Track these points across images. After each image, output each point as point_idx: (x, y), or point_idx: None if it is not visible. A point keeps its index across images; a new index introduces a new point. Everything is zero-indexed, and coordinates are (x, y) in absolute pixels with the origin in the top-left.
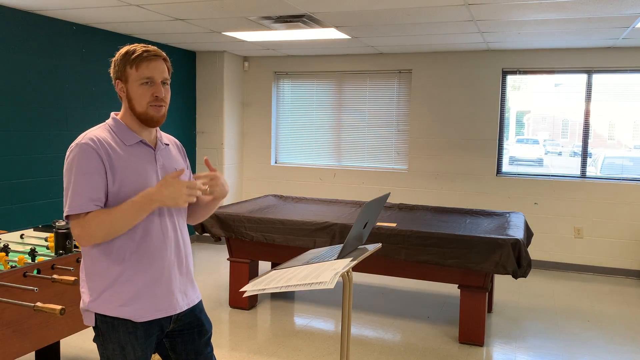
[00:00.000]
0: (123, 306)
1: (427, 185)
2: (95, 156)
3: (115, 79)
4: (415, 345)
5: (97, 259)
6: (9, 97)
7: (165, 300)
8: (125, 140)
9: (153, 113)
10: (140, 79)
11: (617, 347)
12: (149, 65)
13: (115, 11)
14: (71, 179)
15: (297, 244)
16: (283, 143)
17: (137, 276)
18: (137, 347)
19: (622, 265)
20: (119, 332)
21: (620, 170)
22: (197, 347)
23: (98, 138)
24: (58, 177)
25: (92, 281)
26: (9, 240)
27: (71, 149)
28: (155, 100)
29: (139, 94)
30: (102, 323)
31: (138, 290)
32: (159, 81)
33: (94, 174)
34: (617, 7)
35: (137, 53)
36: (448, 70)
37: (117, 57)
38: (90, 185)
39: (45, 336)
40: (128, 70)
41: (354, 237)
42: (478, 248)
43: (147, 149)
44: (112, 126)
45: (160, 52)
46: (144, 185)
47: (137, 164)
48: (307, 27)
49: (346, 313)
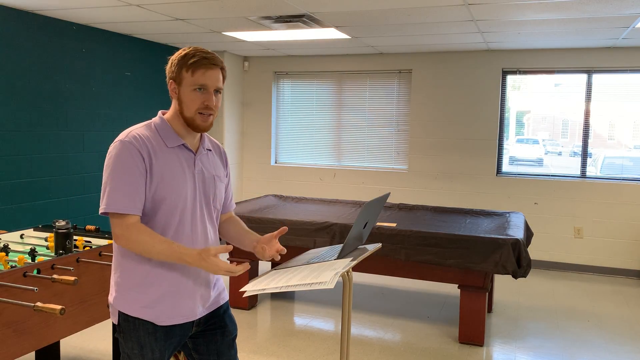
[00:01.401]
0: (146, 308)
1: (427, 185)
2: (138, 155)
3: (169, 79)
4: (415, 345)
5: (127, 256)
6: (9, 97)
7: (187, 306)
8: (168, 141)
9: (200, 121)
10: (194, 85)
11: (617, 347)
12: (205, 73)
13: (115, 11)
14: (111, 175)
15: (297, 244)
16: (283, 143)
17: (163, 279)
18: (155, 349)
19: (622, 265)
20: (139, 332)
21: (620, 170)
22: (220, 348)
23: (141, 137)
24: (58, 177)
25: (120, 278)
26: (9, 240)
27: (114, 145)
28: (205, 108)
29: (190, 99)
30: (124, 321)
31: (162, 294)
32: (212, 90)
33: (135, 173)
34: (617, 7)
35: (196, 58)
36: (448, 70)
37: (175, 57)
38: (131, 184)
39: (45, 336)
40: (184, 73)
41: (354, 237)
42: (478, 248)
43: (187, 152)
44: (157, 125)
45: (219, 61)
46: (178, 190)
47: (175, 167)
48: (307, 27)
49: (346, 313)
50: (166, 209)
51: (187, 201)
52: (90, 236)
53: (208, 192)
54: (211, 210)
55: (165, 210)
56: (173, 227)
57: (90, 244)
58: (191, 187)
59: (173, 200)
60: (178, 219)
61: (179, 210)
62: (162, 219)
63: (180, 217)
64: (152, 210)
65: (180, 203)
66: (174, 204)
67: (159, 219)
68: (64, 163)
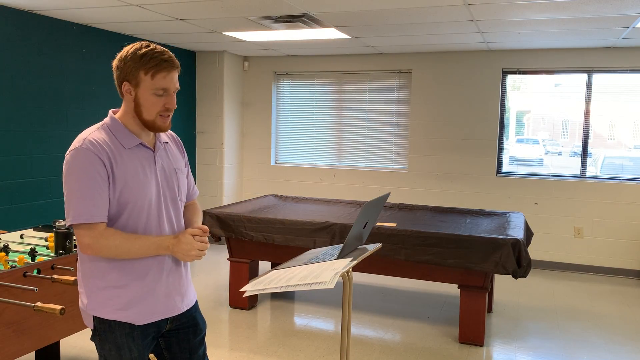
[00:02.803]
0: (120, 310)
1: (427, 185)
2: (98, 161)
3: (123, 80)
4: (415, 345)
5: (94, 262)
6: (9, 97)
7: (164, 303)
8: (125, 143)
9: (161, 123)
10: (155, 89)
11: (617, 347)
12: (166, 77)
13: (115, 11)
14: (74, 185)
15: (297, 244)
16: (283, 143)
17: (135, 281)
18: (133, 348)
19: (622, 265)
20: (115, 334)
21: (620, 170)
22: (192, 346)
23: (97, 141)
24: (58, 177)
25: (90, 283)
26: (9, 240)
27: (71, 154)
28: (166, 110)
29: (150, 102)
30: (100, 324)
31: (135, 295)
32: (172, 92)
33: (97, 180)
34: (617, 7)
35: (155, 61)
36: (448, 70)
37: (125, 55)
38: (95, 192)
39: (45, 336)
40: (141, 75)
41: (354, 237)
42: (478, 248)
43: (146, 151)
44: (111, 127)
45: (176, 62)
46: (142, 191)
47: (136, 168)
48: (307, 27)
49: (346, 313)
50: (132, 211)
51: (152, 201)
52: None
53: (172, 187)
54: (177, 204)
55: (131, 212)
56: (141, 227)
57: None
58: (155, 186)
59: (138, 203)
60: (145, 219)
61: (145, 210)
62: (129, 221)
63: (147, 217)
64: (117, 214)
65: (145, 204)
66: (140, 206)
67: (125, 221)
68: None
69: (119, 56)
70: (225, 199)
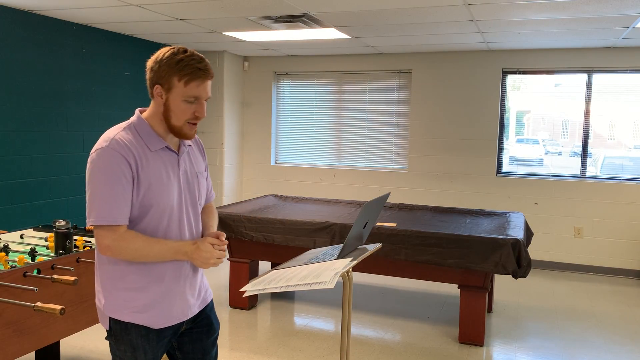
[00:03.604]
0: (137, 313)
1: (427, 185)
2: (124, 162)
3: (155, 82)
4: (415, 345)
5: (113, 264)
6: (9, 97)
7: (180, 307)
8: (150, 145)
9: (187, 130)
10: (187, 96)
11: (617, 347)
12: (199, 85)
13: (115, 11)
14: (98, 185)
15: (297, 244)
16: (283, 143)
17: (153, 285)
18: (148, 350)
19: (622, 265)
20: (131, 335)
21: (620, 170)
22: (205, 347)
23: (124, 141)
24: (58, 177)
25: (108, 284)
26: (9, 240)
27: (97, 153)
28: (195, 118)
29: (180, 109)
30: (116, 325)
31: (153, 299)
32: (203, 100)
33: (122, 181)
34: (617, 7)
35: (190, 69)
36: (448, 70)
37: (161, 58)
38: (119, 194)
39: (45, 336)
40: (175, 81)
41: (354, 237)
42: (478, 248)
43: (171, 154)
44: (137, 127)
45: (211, 71)
46: (165, 195)
47: (160, 171)
48: (307, 27)
49: (346, 313)
50: (153, 215)
51: (174, 205)
52: (90, 236)
53: (193, 191)
54: (197, 208)
55: (153, 215)
56: (161, 231)
57: (90, 244)
58: (177, 190)
59: (160, 206)
60: (166, 223)
61: (167, 214)
62: (150, 224)
63: (168, 220)
64: (139, 216)
65: (167, 208)
66: (162, 209)
67: (147, 224)
68: (64, 163)
69: (154, 57)
70: (225, 199)
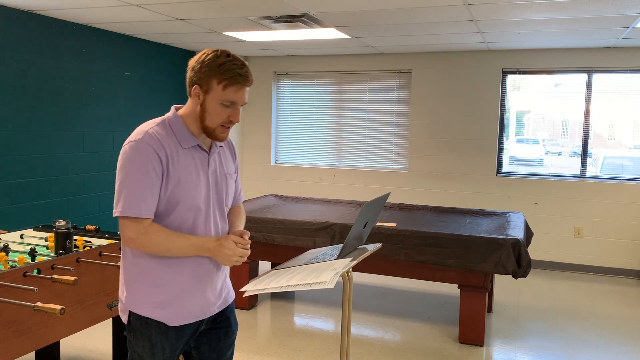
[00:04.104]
0: (158, 308)
1: (427, 185)
2: (155, 157)
3: (194, 82)
4: (415, 345)
5: (137, 258)
6: (9, 97)
7: (200, 306)
8: (183, 142)
9: (220, 133)
10: (223, 100)
11: (617, 347)
12: (237, 91)
13: (115, 11)
14: (127, 177)
15: (297, 244)
16: (283, 143)
17: (176, 281)
18: (166, 348)
19: (622, 265)
20: (151, 331)
21: (620, 170)
22: (221, 348)
23: (157, 136)
24: (58, 177)
25: (130, 278)
26: (9, 240)
27: (130, 145)
28: (229, 122)
29: (216, 112)
30: (136, 320)
31: (174, 295)
32: (239, 106)
33: (151, 175)
34: (617, 7)
35: (231, 74)
36: (448, 70)
37: (204, 59)
38: (147, 188)
39: (45, 336)
40: (214, 83)
41: (354, 237)
42: (478, 248)
43: (202, 153)
44: (172, 124)
45: (250, 78)
46: (193, 193)
47: (190, 169)
48: (307, 27)
49: (346, 313)
50: (180, 211)
51: (201, 203)
52: (90, 236)
53: (221, 191)
54: (223, 209)
55: (179, 212)
56: (187, 228)
57: (90, 244)
58: (205, 188)
59: (187, 203)
60: (192, 221)
61: (193, 212)
62: (176, 220)
63: (194, 218)
64: (165, 212)
65: (194, 205)
66: (188, 207)
67: (172, 220)
68: (64, 163)
69: (197, 57)
70: None
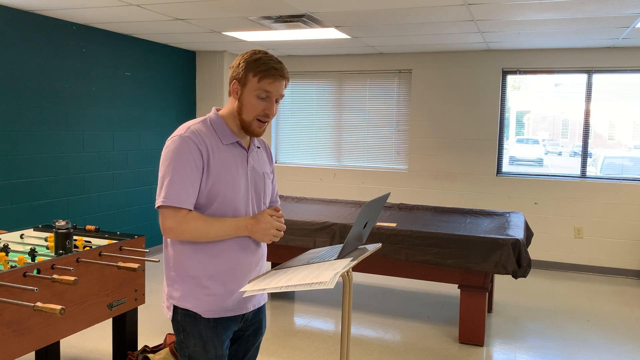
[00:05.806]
0: (204, 302)
1: (427, 185)
2: (196, 151)
3: (233, 78)
4: (415, 345)
5: (184, 253)
6: (9, 97)
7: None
8: (223, 138)
9: (256, 126)
10: (259, 91)
11: (617, 347)
12: (272, 83)
13: (115, 11)
14: (169, 170)
15: (297, 244)
16: (283, 143)
17: (221, 274)
18: (217, 345)
19: (622, 265)
20: (200, 327)
21: (620, 170)
22: (248, 348)
23: (200, 132)
24: (58, 177)
25: (177, 274)
26: (9, 240)
27: (173, 140)
28: (265, 116)
29: (252, 104)
30: (184, 317)
31: (220, 288)
32: (274, 98)
33: (193, 168)
34: (617, 7)
35: (266, 66)
36: (448, 70)
37: (244, 58)
38: (188, 179)
39: (45, 336)
40: (250, 76)
41: (354, 237)
42: (478, 248)
43: (241, 150)
44: (213, 122)
45: (286, 72)
46: (233, 186)
47: (230, 164)
48: (307, 27)
49: (346, 313)
50: (219, 205)
51: (240, 198)
52: (90, 236)
53: (259, 189)
54: (261, 207)
55: (219, 205)
56: None
57: (90, 244)
58: (244, 184)
59: (227, 197)
60: (231, 214)
61: (232, 206)
62: (215, 214)
63: (234, 211)
64: (206, 204)
65: (233, 199)
66: (229, 200)
67: (212, 213)
68: (64, 163)
69: (238, 57)
70: None
